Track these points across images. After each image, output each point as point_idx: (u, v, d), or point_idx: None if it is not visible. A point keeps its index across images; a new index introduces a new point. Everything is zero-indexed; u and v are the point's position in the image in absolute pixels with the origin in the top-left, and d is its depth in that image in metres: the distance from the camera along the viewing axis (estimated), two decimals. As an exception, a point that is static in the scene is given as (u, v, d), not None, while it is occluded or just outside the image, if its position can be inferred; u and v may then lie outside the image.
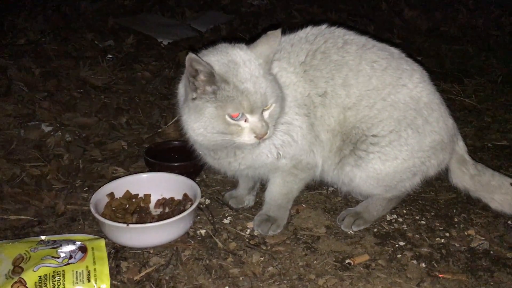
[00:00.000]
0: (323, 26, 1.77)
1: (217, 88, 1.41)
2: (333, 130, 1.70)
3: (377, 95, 1.67)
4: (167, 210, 1.81)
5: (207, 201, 1.94)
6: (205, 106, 1.43)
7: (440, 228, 1.83)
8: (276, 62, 1.66)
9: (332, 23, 1.79)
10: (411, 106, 1.69)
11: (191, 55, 1.37)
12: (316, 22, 1.80)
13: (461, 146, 1.87)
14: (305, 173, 1.73)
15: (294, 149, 1.66)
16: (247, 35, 3.59)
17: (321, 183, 1.87)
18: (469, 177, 1.85)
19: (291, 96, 1.64)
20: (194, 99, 1.45)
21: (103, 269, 1.48)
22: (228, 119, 1.42)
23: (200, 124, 1.45)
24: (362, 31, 1.82)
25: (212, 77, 1.39)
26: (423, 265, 1.63)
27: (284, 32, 1.76)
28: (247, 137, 1.44)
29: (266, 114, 1.46)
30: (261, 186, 1.94)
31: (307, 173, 1.74)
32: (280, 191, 1.76)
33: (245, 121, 1.44)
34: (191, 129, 1.49)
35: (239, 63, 1.44)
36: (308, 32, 1.75)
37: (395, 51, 1.78)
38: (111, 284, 1.48)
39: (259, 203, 1.90)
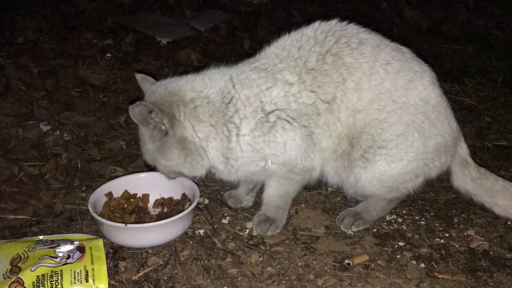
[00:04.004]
0: (333, 22, 1.67)
1: None
2: (339, 134, 1.66)
3: (389, 97, 1.64)
4: (165, 210, 1.80)
5: (206, 201, 1.93)
6: None
7: (440, 229, 1.82)
8: (278, 74, 1.60)
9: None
10: (420, 109, 1.66)
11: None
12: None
13: (463, 148, 1.85)
14: (300, 176, 1.71)
15: (283, 158, 1.64)
16: (247, 34, 3.58)
17: (320, 183, 1.86)
18: (471, 179, 1.83)
19: (282, 111, 1.59)
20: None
21: (101, 269, 1.48)
22: None
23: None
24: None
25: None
26: (423, 265, 1.63)
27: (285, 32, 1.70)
28: None
29: None
30: (261, 187, 1.93)
31: (303, 175, 1.72)
32: (277, 193, 1.75)
33: None
34: None
35: None
36: (317, 29, 1.65)
37: (406, 51, 1.75)
38: (109, 284, 1.48)
39: (258, 203, 1.90)
